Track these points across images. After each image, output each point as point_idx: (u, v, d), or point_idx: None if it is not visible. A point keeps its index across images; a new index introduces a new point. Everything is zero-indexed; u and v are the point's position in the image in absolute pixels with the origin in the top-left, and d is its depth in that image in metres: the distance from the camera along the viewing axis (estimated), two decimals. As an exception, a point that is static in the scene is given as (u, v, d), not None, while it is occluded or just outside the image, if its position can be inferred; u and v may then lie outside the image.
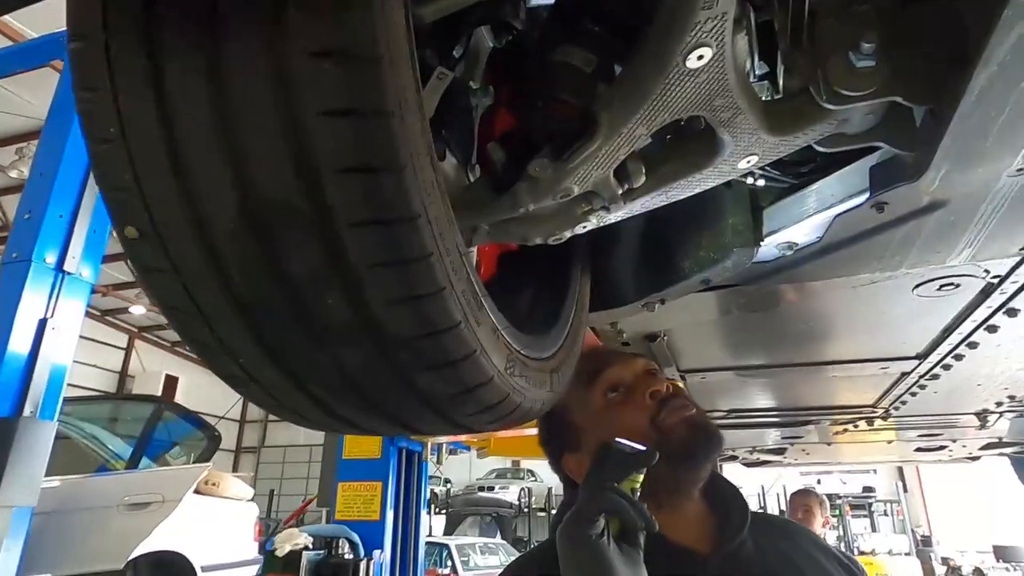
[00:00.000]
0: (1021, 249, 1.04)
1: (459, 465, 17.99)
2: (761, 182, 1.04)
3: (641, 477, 0.85)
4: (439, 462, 2.92)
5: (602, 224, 0.89)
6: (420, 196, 0.56)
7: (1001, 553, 12.85)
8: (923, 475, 17.36)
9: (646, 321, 1.51)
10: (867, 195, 0.90)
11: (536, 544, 1.10)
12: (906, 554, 13.26)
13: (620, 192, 0.81)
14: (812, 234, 1.03)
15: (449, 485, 17.46)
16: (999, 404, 2.30)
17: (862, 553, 13.05)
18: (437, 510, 15.54)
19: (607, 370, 1.08)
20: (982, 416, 2.50)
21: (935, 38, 0.70)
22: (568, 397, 1.13)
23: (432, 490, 12.78)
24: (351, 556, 2.23)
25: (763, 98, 0.90)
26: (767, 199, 1.07)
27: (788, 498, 3.37)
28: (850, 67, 0.74)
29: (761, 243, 1.05)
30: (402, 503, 2.61)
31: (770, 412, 2.59)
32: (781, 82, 0.84)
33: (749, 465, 4.79)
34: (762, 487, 15.50)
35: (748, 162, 0.84)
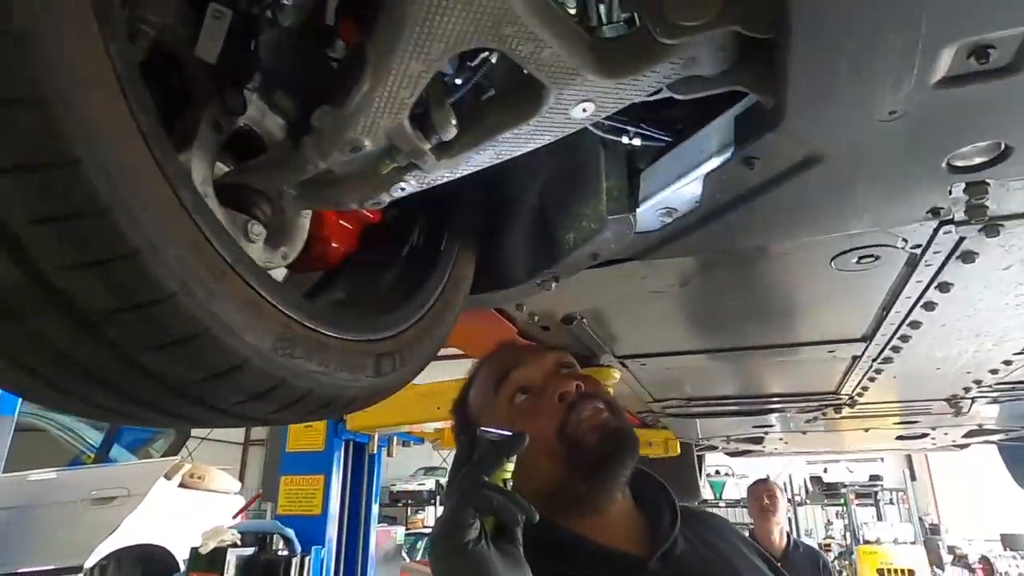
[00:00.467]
0: (927, 211, 0.92)
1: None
2: (637, 141, 0.92)
3: (511, 466, 0.77)
4: (389, 454, 2.83)
5: (427, 186, 0.78)
6: (85, 133, 0.46)
7: (1008, 541, 12.64)
8: (932, 464, 17.12)
9: (556, 302, 1.41)
10: (731, 150, 0.79)
11: None
12: (911, 543, 13.07)
13: (428, 147, 0.71)
14: (691, 199, 0.92)
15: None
16: (967, 389, 2.17)
17: (867, 542, 12.91)
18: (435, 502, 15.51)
19: (514, 371, 0.99)
20: (953, 402, 2.38)
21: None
22: (477, 403, 1.04)
23: (437, 481, 12.78)
24: (286, 553, 2.15)
25: (605, 32, 0.78)
26: (646, 161, 0.96)
27: (747, 489, 3.29)
28: (683, -9, 0.63)
29: (637, 209, 0.94)
30: (349, 497, 2.53)
31: (730, 400, 2.48)
32: (613, 11, 0.73)
33: (731, 455, 4.70)
34: (767, 475, 15.37)
35: (584, 110, 0.73)
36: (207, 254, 0.57)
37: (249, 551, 2.15)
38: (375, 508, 2.68)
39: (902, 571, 11.64)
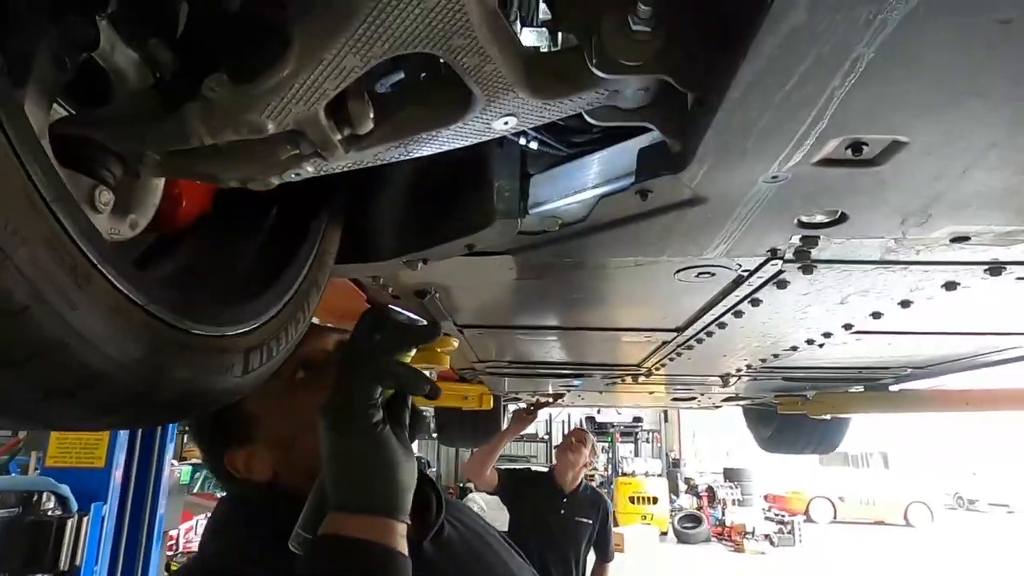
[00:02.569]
0: (768, 251, 1.05)
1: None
2: (534, 145, 0.92)
3: (410, 356, 0.76)
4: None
5: (322, 173, 0.70)
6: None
7: (728, 474, 15.55)
8: (681, 411, 20.22)
9: (412, 276, 1.37)
10: (631, 180, 0.82)
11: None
12: (659, 475, 15.44)
13: (339, 138, 0.63)
14: (579, 212, 0.94)
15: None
16: (739, 370, 2.57)
17: (625, 474, 14.96)
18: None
19: (298, 348, 0.92)
20: (725, 378, 2.80)
21: (711, 15, 0.61)
22: None
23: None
24: (59, 512, 1.87)
25: (540, 49, 0.76)
26: (537, 166, 0.95)
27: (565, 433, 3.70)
28: (627, 30, 0.62)
29: (526, 215, 0.94)
30: (139, 448, 2.25)
31: (548, 365, 2.66)
32: (559, 36, 0.70)
33: (533, 405, 5.07)
34: (549, 414, 16.93)
35: (505, 123, 0.70)
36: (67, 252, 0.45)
37: (12, 512, 1.81)
38: (168, 457, 2.43)
39: (649, 498, 13.80)
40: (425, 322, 0.76)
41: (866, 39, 0.51)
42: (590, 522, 3.28)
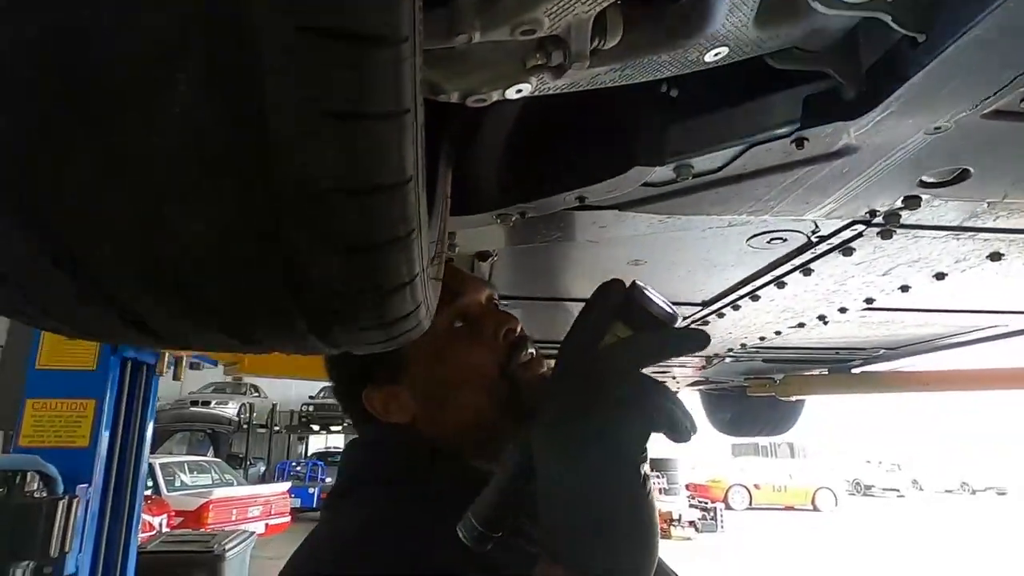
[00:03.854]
0: (866, 212, 1.10)
1: (168, 376, 16.19)
2: (675, 92, 0.91)
3: None
4: (176, 377, 2.40)
5: (540, 93, 0.67)
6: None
7: (655, 464, 16.11)
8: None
9: (485, 237, 1.33)
10: (795, 126, 0.83)
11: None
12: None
13: (590, 49, 0.60)
14: (714, 163, 0.95)
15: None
16: (730, 350, 2.66)
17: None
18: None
19: (457, 297, 0.88)
20: (711, 359, 2.89)
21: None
22: None
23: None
24: (44, 494, 1.68)
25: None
26: (678, 114, 0.95)
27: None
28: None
29: (664, 163, 0.94)
30: (122, 424, 2.07)
31: (554, 343, 2.65)
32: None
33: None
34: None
35: (716, 55, 0.70)
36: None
37: None
38: (148, 437, 2.24)
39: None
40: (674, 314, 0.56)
41: None
42: None
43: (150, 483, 9.58)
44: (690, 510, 13.57)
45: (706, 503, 14.54)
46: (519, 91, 0.65)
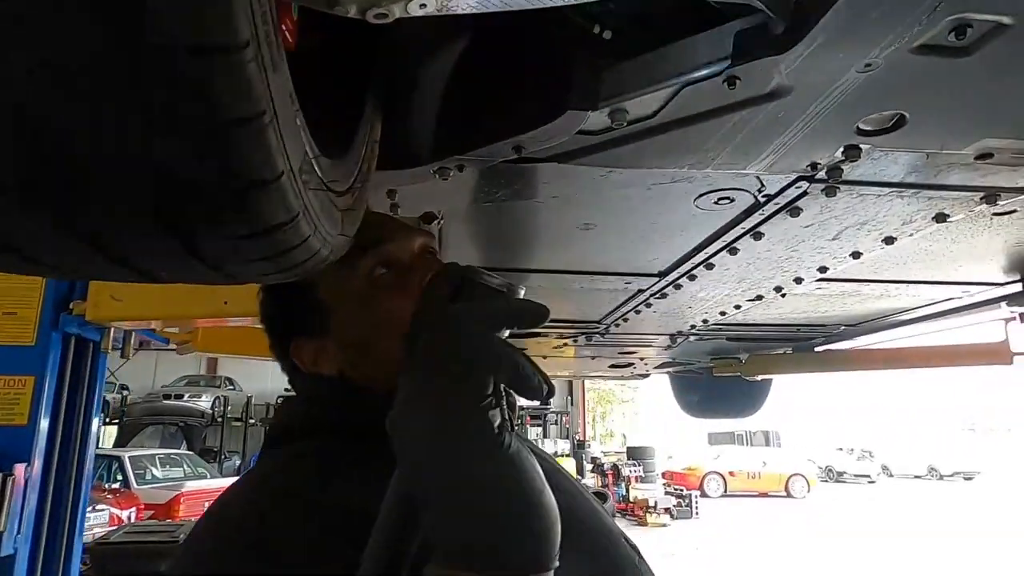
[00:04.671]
0: (807, 166, 1.08)
1: (141, 370, 15.93)
2: (608, 34, 0.88)
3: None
4: (124, 355, 2.30)
5: (441, 12, 0.63)
6: None
7: (632, 453, 16.27)
8: (586, 392, 20.89)
9: (426, 196, 1.30)
10: (727, 63, 0.81)
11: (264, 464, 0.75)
12: (566, 455, 15.92)
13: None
14: (650, 106, 0.92)
15: (126, 392, 15.41)
16: (692, 327, 2.66)
17: (534, 455, 15.29)
18: (108, 420, 13.63)
19: (382, 243, 0.84)
20: (674, 337, 2.90)
21: None
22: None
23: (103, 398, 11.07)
24: (-22, 472, 1.62)
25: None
26: (611, 56, 0.92)
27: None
28: None
29: (598, 107, 0.91)
30: (65, 403, 2.00)
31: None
32: None
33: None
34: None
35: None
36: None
37: None
38: (96, 420, 2.17)
39: (557, 478, 14.19)
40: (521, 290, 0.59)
41: None
42: None
43: (119, 477, 9.42)
44: (666, 497, 13.71)
45: (681, 490, 14.71)
46: (423, 5, 0.61)
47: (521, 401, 0.61)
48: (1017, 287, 2.00)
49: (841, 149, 1.02)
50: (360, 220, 0.77)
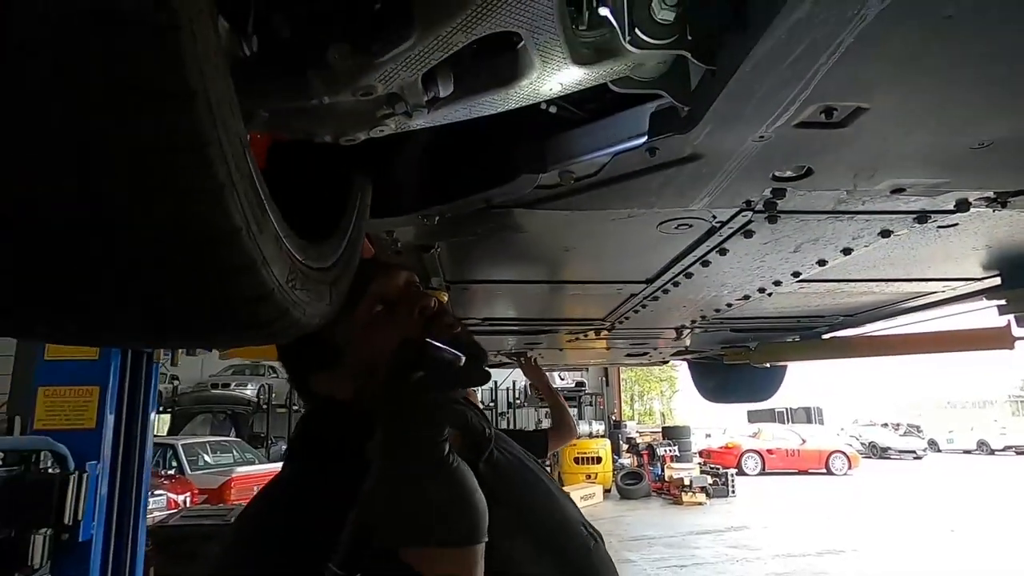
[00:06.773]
0: (743, 202, 1.24)
1: (189, 361, 16.68)
2: (553, 109, 1.06)
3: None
4: (174, 363, 2.59)
5: (400, 130, 0.82)
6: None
7: (667, 432, 16.36)
8: (621, 374, 20.98)
9: (423, 232, 1.49)
10: (644, 139, 0.98)
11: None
12: (602, 435, 16.13)
13: (425, 100, 0.75)
14: (591, 167, 1.10)
15: (176, 382, 16.15)
16: (693, 321, 2.81)
17: (569, 436, 15.55)
18: (162, 409, 14.36)
19: (372, 283, 1.02)
20: (679, 330, 3.05)
21: (725, 4, 0.76)
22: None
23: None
24: (57, 471, 1.91)
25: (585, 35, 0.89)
26: (555, 129, 1.10)
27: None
28: (653, 16, 0.77)
29: (546, 171, 1.09)
30: (126, 407, 2.29)
31: (521, 321, 2.82)
32: (587, 16, 0.84)
33: (492, 366, 5.25)
34: (495, 381, 17.31)
35: (551, 89, 0.84)
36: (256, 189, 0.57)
37: (12, 471, 1.84)
38: (153, 418, 2.47)
39: (592, 457, 14.42)
40: (461, 356, 0.77)
41: (849, 28, 0.68)
42: None
43: (174, 463, 9.97)
44: (701, 476, 13.80)
45: (718, 469, 14.76)
46: (381, 131, 0.80)
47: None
48: (996, 281, 2.10)
49: (769, 189, 1.18)
50: (349, 280, 0.97)
